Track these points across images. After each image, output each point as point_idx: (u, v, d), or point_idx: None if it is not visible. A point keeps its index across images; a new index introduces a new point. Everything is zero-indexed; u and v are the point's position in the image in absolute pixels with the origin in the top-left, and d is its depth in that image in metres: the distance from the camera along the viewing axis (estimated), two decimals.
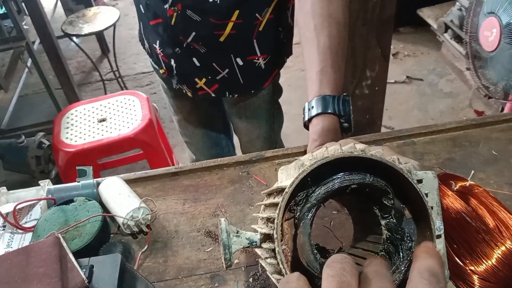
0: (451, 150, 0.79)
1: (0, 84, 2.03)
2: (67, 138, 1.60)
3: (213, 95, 1.05)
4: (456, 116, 2.38)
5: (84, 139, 1.59)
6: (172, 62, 1.00)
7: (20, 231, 0.71)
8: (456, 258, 0.57)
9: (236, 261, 0.65)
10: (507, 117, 0.83)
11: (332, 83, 0.69)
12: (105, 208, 0.72)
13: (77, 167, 0.78)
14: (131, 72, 3.10)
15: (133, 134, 1.58)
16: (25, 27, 2.63)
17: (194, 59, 0.98)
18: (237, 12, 0.89)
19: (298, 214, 0.45)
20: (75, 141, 1.58)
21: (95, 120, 1.67)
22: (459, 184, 0.65)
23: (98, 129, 1.63)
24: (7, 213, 0.70)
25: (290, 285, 0.31)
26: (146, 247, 0.69)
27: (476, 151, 0.78)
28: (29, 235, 0.70)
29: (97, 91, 2.93)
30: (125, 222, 0.69)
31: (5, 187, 0.78)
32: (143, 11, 0.98)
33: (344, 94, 0.69)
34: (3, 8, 2.66)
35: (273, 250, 0.44)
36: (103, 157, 1.65)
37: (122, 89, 2.75)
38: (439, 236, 0.46)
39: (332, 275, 0.29)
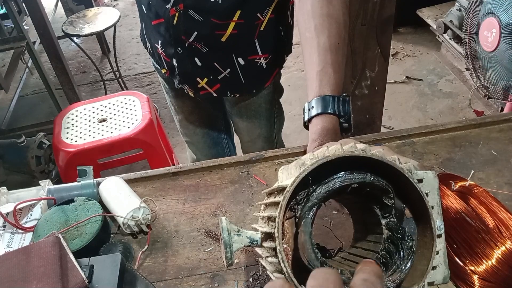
0: (451, 150, 0.79)
1: (0, 84, 2.03)
2: (67, 138, 1.60)
3: (214, 94, 1.05)
4: (455, 116, 2.38)
5: (85, 139, 1.59)
6: (174, 62, 1.00)
7: (20, 231, 0.71)
8: (456, 258, 0.57)
9: (236, 261, 0.65)
10: (506, 117, 0.84)
11: (332, 83, 0.69)
12: (105, 208, 0.72)
13: (78, 167, 0.78)
14: (131, 72, 3.10)
15: (133, 134, 1.58)
16: (25, 27, 2.64)
17: (196, 59, 0.98)
18: (238, 12, 0.89)
19: (299, 213, 0.45)
20: (76, 141, 1.58)
21: (96, 120, 1.67)
22: (459, 184, 0.65)
23: (98, 129, 1.63)
24: (7, 213, 0.70)
25: None
26: (146, 247, 0.69)
27: (476, 151, 0.78)
28: (29, 235, 0.70)
29: (97, 91, 2.93)
30: (125, 222, 0.69)
31: (5, 187, 0.78)
32: (145, 11, 0.98)
33: (344, 94, 0.69)
34: (4, 8, 2.66)
35: (274, 249, 0.44)
36: (103, 157, 1.65)
37: (122, 89, 2.76)
38: (439, 236, 0.46)
39: (314, 285, 0.29)
